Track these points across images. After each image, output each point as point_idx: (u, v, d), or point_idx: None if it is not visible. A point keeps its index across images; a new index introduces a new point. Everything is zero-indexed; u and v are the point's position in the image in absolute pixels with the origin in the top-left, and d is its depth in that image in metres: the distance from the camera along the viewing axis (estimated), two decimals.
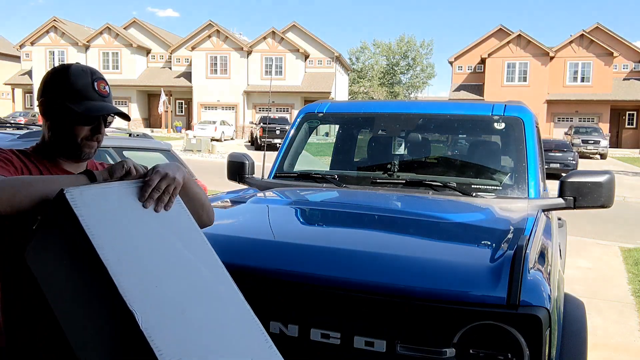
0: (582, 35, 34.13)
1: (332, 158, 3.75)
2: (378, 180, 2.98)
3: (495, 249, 1.78)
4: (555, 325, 1.62)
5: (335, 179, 3.05)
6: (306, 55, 36.46)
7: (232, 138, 33.41)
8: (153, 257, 1.16)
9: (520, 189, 2.76)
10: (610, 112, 33.70)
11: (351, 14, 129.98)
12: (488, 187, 2.81)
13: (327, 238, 2.08)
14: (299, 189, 2.95)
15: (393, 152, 3.46)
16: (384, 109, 3.50)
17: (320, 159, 6.33)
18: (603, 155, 26.46)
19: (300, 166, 3.39)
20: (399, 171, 3.06)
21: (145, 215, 1.22)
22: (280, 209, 2.54)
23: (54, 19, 38.87)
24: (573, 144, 23.65)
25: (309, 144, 3.63)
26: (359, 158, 3.65)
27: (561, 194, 2.59)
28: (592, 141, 26.34)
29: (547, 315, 1.52)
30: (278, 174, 3.25)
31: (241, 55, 36.16)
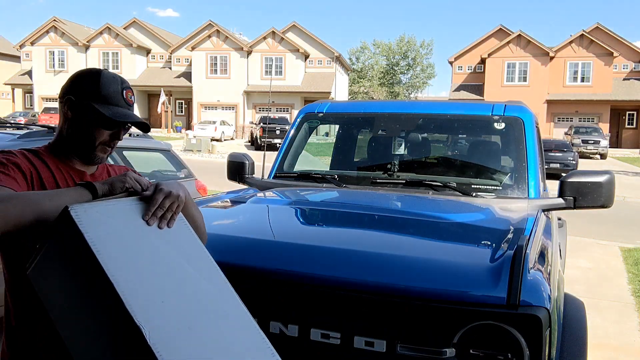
0: (582, 35, 34.13)
1: (332, 158, 3.75)
2: (378, 180, 2.98)
3: (495, 249, 1.78)
4: (555, 325, 1.62)
5: (335, 179, 3.05)
6: (306, 55, 36.46)
7: (232, 138, 33.41)
8: (158, 273, 1.17)
9: (520, 189, 2.76)
10: (610, 112, 33.70)
11: (351, 14, 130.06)
12: (488, 187, 2.81)
13: (327, 238, 2.08)
14: (299, 189, 2.96)
15: (393, 152, 3.46)
16: (384, 109, 3.50)
17: (320, 159, 6.33)
18: (603, 155, 26.46)
19: (300, 166, 3.40)
20: (399, 171, 3.06)
21: (149, 232, 1.23)
22: (280, 209, 2.54)
23: (54, 19, 38.87)
24: (573, 144, 23.65)
25: (309, 144, 3.63)
26: (359, 158, 3.65)
27: (561, 194, 2.59)
28: (592, 141, 26.34)
29: (547, 315, 1.52)
30: (278, 174, 3.25)
31: (241, 55, 36.16)
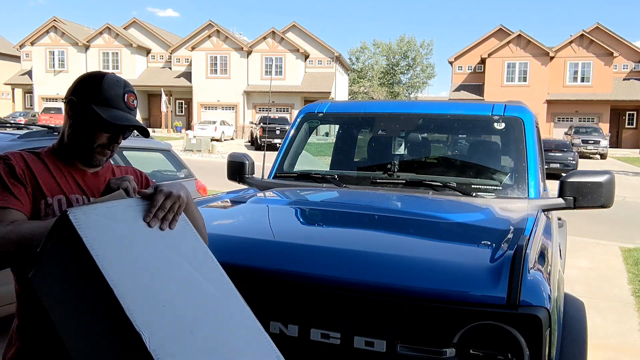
0: (582, 35, 34.13)
1: (332, 158, 3.75)
2: (378, 180, 2.98)
3: (495, 249, 1.78)
4: (555, 325, 1.62)
5: (335, 179, 3.05)
6: (306, 55, 36.46)
7: (232, 138, 33.41)
8: (159, 277, 1.14)
9: (520, 189, 2.76)
10: (610, 112, 33.70)
11: (351, 14, 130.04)
12: (488, 187, 2.81)
13: (327, 238, 2.08)
14: (299, 189, 2.95)
15: (393, 152, 3.46)
16: (384, 109, 3.50)
17: (320, 159, 6.33)
18: (603, 155, 26.46)
19: (300, 166, 3.39)
20: (399, 171, 3.06)
21: (151, 234, 1.21)
22: (280, 209, 2.54)
23: (54, 19, 38.86)
24: (573, 144, 23.64)
25: (309, 144, 3.63)
26: (359, 158, 3.65)
27: (561, 194, 2.59)
28: (592, 141, 26.34)
29: (547, 315, 1.52)
30: (278, 174, 3.25)
31: (241, 55, 36.16)
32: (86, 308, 1.10)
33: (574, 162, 17.98)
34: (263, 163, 3.58)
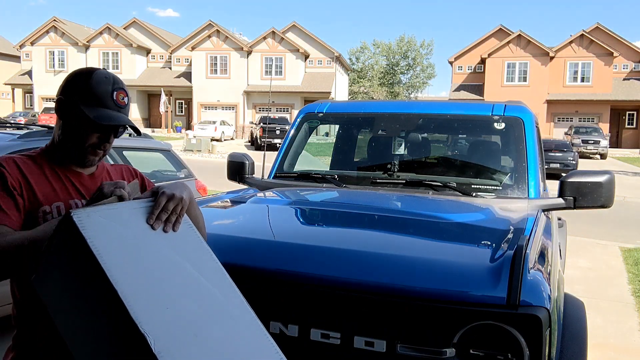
0: (582, 35, 34.13)
1: (332, 158, 3.75)
2: (378, 180, 2.98)
3: (495, 249, 1.78)
4: (555, 325, 1.62)
5: (335, 179, 3.05)
6: (306, 55, 36.46)
7: (232, 138, 33.42)
8: (163, 278, 1.14)
9: (520, 189, 2.76)
10: (610, 112, 33.71)
11: (351, 14, 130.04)
12: (488, 187, 2.81)
13: (327, 238, 2.08)
14: (299, 189, 2.95)
15: (393, 152, 3.46)
16: (384, 109, 3.50)
17: (320, 159, 6.33)
18: (603, 155, 26.46)
19: (300, 166, 3.39)
20: (399, 171, 3.06)
21: (154, 235, 1.21)
22: (280, 209, 2.54)
23: (54, 19, 38.87)
24: (573, 144, 23.65)
25: (309, 144, 3.63)
26: (359, 158, 3.65)
27: (561, 194, 2.59)
28: (592, 141, 26.35)
29: (547, 315, 1.52)
30: (278, 174, 3.25)
31: (241, 55, 36.17)
32: (89, 310, 1.09)
33: (574, 162, 17.99)
34: (263, 163, 3.58)
